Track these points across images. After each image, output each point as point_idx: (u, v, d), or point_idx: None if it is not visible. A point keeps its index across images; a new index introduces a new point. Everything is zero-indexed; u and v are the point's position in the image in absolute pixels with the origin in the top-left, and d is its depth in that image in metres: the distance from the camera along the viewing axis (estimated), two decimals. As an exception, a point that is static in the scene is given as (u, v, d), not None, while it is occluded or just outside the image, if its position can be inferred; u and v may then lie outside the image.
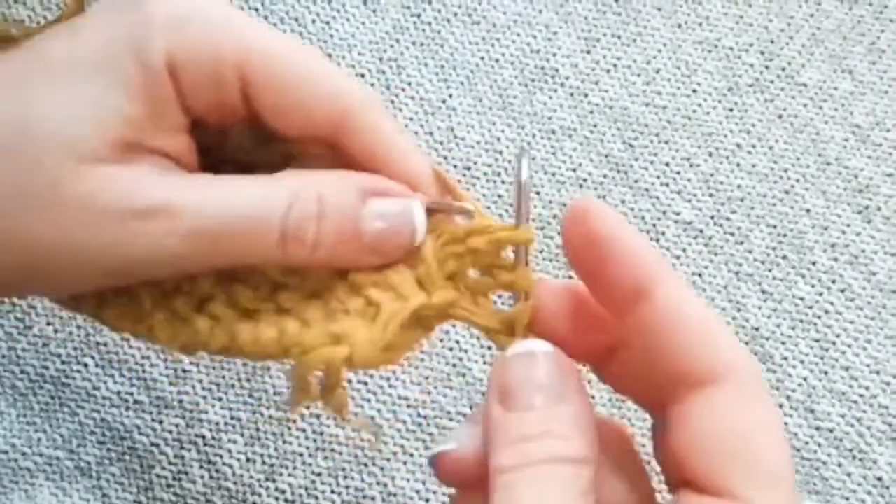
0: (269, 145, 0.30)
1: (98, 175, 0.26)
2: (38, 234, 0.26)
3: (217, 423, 0.41)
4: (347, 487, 0.41)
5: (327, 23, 0.46)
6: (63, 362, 0.42)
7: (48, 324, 0.42)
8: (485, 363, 0.42)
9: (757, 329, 0.43)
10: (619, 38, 0.46)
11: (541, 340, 0.26)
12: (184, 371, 0.42)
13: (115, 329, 0.29)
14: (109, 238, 0.26)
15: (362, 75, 0.45)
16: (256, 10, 0.46)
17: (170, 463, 0.41)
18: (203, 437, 0.41)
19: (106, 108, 0.26)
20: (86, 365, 0.42)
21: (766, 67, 0.46)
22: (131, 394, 0.42)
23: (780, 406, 0.42)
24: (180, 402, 0.42)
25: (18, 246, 0.27)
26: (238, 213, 0.27)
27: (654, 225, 0.44)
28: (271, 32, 0.28)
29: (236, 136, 0.30)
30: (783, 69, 0.46)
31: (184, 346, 0.28)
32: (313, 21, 0.46)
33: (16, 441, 0.41)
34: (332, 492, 0.41)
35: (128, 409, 0.42)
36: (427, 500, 0.41)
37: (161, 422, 0.42)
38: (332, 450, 0.41)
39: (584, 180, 0.44)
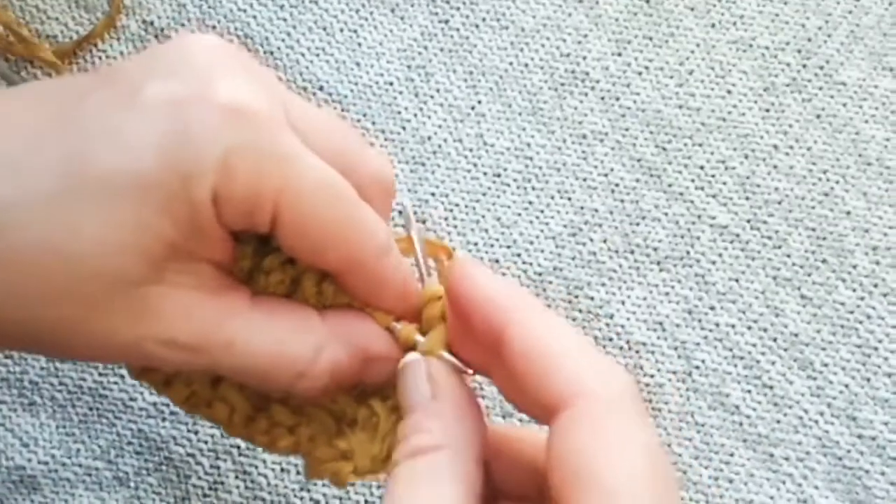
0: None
1: (132, 299, 0.27)
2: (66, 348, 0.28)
3: (251, 434, 0.42)
4: (381, 497, 0.41)
5: (355, 31, 0.46)
6: (100, 374, 0.43)
7: (85, 336, 0.43)
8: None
9: (796, 335, 0.42)
10: (650, 39, 0.45)
11: (411, 353, 0.29)
12: (218, 382, 0.42)
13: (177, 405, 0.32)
14: (136, 354, 0.28)
15: (391, 83, 0.45)
16: (285, 20, 0.46)
17: (206, 473, 0.42)
18: (238, 447, 0.42)
19: (145, 232, 0.27)
20: (122, 376, 0.43)
21: (804, 66, 0.45)
22: (167, 404, 0.42)
23: (821, 414, 0.41)
24: (215, 412, 0.42)
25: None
26: (259, 363, 0.29)
27: (689, 230, 0.43)
28: (309, 166, 0.28)
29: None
30: (821, 68, 0.45)
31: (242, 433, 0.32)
32: (341, 30, 0.46)
33: (55, 452, 0.42)
34: (367, 501, 0.41)
35: (164, 419, 0.42)
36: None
37: (196, 432, 0.42)
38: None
39: (616, 185, 0.44)
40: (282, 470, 0.41)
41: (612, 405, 0.25)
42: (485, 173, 0.44)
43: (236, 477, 0.41)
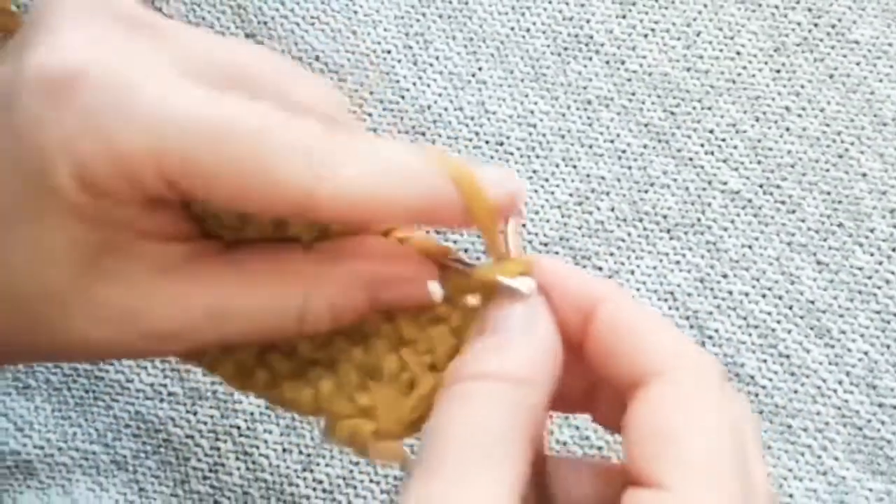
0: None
1: (86, 307, 0.26)
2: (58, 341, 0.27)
3: (252, 414, 0.41)
4: (386, 476, 0.40)
5: (351, -1, 0.45)
6: (96, 355, 0.42)
7: (80, 317, 0.42)
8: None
9: (812, 302, 0.40)
10: (656, 0, 0.44)
11: (523, 278, 0.26)
12: (216, 361, 0.41)
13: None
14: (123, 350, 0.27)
15: (388, 51, 0.44)
16: (279, -11, 0.45)
17: (206, 455, 0.41)
18: (238, 427, 0.41)
19: (54, 237, 0.25)
20: (118, 357, 0.42)
21: (815, 25, 0.43)
22: (165, 385, 0.41)
23: (840, 383, 0.40)
24: (214, 392, 0.41)
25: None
26: (249, 321, 0.27)
27: (699, 196, 0.42)
28: (181, 109, 0.24)
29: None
30: (833, 26, 0.43)
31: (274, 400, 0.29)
32: (337, -2, 0.45)
33: (51, 436, 0.41)
34: (371, 481, 0.40)
35: (162, 400, 0.41)
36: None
37: (195, 413, 0.41)
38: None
39: (623, 151, 0.42)
40: (283, 451, 0.40)
41: (700, 381, 0.24)
42: (487, 142, 0.43)
43: (237, 458, 0.40)
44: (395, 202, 0.25)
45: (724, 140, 0.42)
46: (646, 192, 0.42)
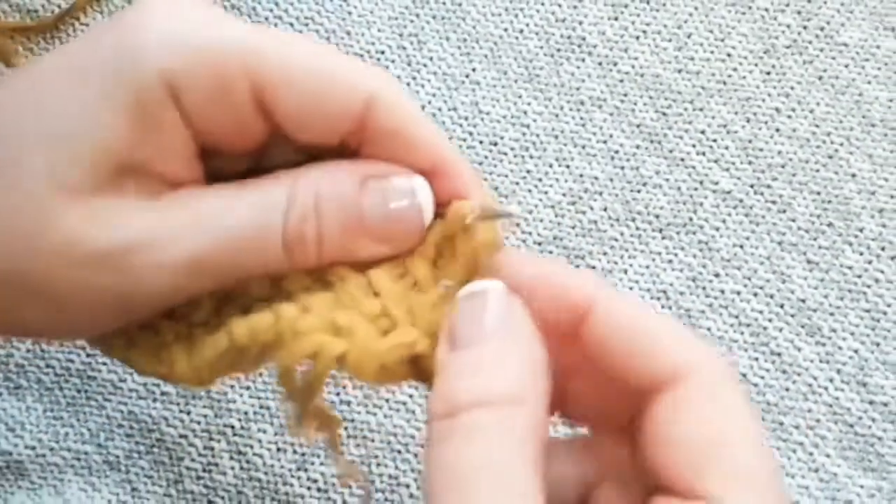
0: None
1: (80, 208, 0.25)
2: (30, 275, 0.25)
3: (246, 413, 0.40)
4: (381, 475, 0.40)
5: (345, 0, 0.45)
6: (88, 355, 0.41)
7: (72, 316, 0.42)
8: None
9: (803, 301, 0.41)
10: (647, 2, 0.44)
11: (492, 280, 0.25)
12: (210, 360, 0.41)
13: (143, 372, 0.28)
14: (102, 278, 0.25)
15: (382, 52, 0.44)
16: (273, -10, 0.45)
17: (199, 454, 0.40)
18: (232, 427, 0.40)
19: (91, 131, 0.25)
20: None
21: (804, 27, 0.44)
22: (158, 384, 0.41)
23: (831, 380, 0.40)
24: (207, 391, 0.41)
25: (21, 287, 0.25)
26: (234, 228, 0.25)
27: (691, 196, 0.42)
28: (279, 33, 0.26)
29: (266, 164, 0.28)
30: (822, 29, 0.44)
31: (196, 370, 0.27)
32: (331, -2, 0.45)
33: (43, 436, 0.41)
34: (366, 480, 0.40)
35: (155, 400, 0.41)
36: (463, 487, 0.39)
37: (189, 412, 0.41)
38: (365, 437, 0.40)
39: (616, 152, 0.43)
40: (278, 450, 0.40)
41: (725, 380, 0.24)
42: (481, 142, 0.43)
43: (231, 458, 0.40)
44: None
45: (715, 140, 0.43)
46: (638, 191, 0.42)
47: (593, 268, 0.41)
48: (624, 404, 0.25)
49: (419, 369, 0.26)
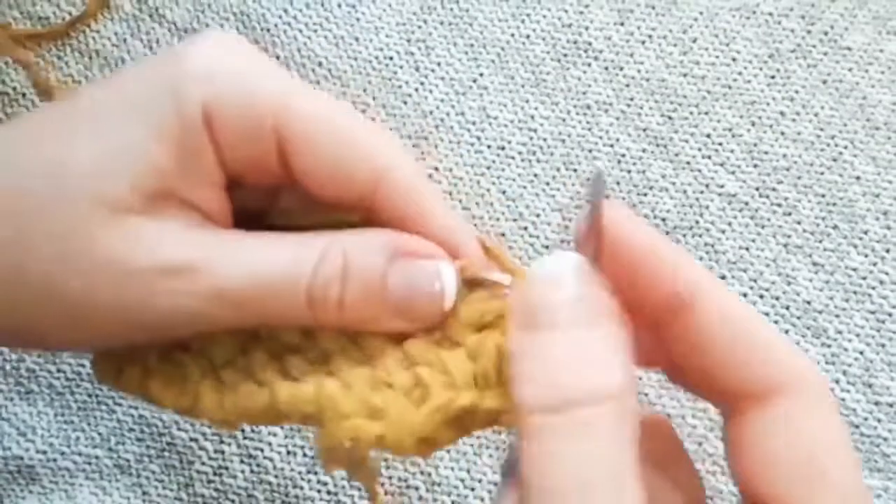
0: (318, 213, 0.29)
1: (125, 227, 0.26)
2: (68, 287, 0.26)
3: (256, 417, 0.41)
4: (391, 478, 0.40)
5: (353, 6, 0.45)
6: (99, 359, 0.42)
7: (83, 321, 0.42)
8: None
9: (809, 302, 0.41)
10: (653, 7, 0.45)
11: (568, 252, 0.23)
12: (220, 364, 0.41)
13: (160, 403, 0.28)
14: (132, 294, 0.26)
15: (390, 58, 0.44)
16: (281, -4, 0.45)
17: (210, 458, 0.40)
18: (242, 430, 0.41)
19: (137, 155, 0.26)
20: (122, 361, 0.42)
21: (808, 32, 0.44)
22: (168, 389, 0.41)
23: (837, 381, 0.40)
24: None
25: (51, 298, 0.26)
26: (266, 275, 0.26)
27: (697, 199, 0.42)
28: (310, 90, 0.28)
29: (284, 200, 0.29)
30: (826, 33, 0.44)
31: (227, 414, 0.27)
32: (339, 5, 0.45)
33: (54, 441, 0.41)
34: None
35: (165, 404, 0.41)
36: (472, 489, 0.40)
37: (199, 416, 0.41)
38: (374, 440, 0.40)
39: (623, 156, 0.43)
40: (288, 453, 0.40)
41: (829, 398, 0.23)
42: (489, 146, 0.43)
43: (241, 461, 0.40)
44: None
45: (720, 144, 0.43)
46: (644, 195, 0.43)
47: (600, 271, 0.42)
48: (716, 395, 0.24)
49: (463, 426, 0.26)
